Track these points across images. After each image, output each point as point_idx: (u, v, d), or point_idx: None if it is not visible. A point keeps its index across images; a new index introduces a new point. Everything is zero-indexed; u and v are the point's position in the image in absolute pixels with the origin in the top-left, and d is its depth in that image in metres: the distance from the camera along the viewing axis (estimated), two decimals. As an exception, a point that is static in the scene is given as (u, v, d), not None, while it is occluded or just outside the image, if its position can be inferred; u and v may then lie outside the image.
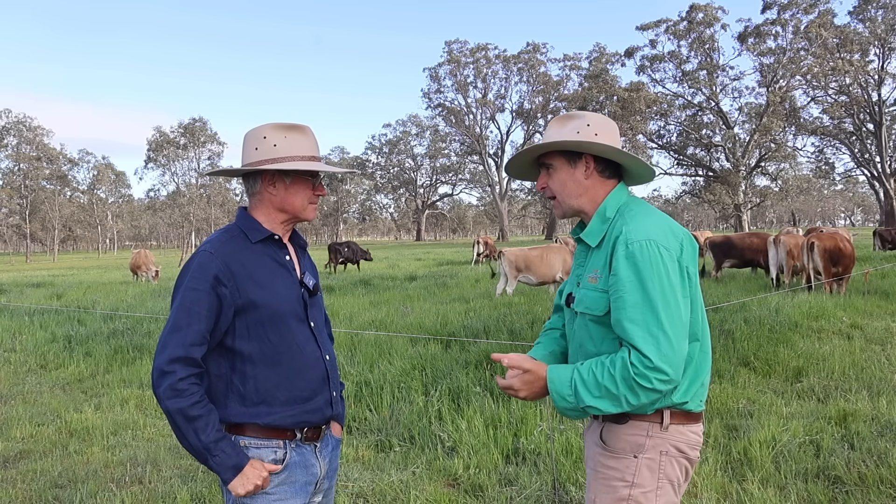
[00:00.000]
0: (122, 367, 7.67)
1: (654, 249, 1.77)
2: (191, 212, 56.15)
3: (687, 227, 10.71)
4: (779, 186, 58.95)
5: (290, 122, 2.05)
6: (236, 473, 1.87)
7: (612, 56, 61.80)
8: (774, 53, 51.50)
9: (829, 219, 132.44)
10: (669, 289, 1.75)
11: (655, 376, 1.70)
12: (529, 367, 1.86)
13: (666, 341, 1.71)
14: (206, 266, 1.91)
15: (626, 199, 1.97)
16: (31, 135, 66.30)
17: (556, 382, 1.81)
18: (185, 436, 1.83)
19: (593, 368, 1.77)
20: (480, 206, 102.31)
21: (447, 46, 72.48)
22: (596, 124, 1.96)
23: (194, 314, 1.86)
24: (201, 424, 1.82)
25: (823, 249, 11.46)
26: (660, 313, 1.72)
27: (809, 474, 3.93)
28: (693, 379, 1.87)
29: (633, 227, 1.83)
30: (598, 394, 1.75)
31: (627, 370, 1.71)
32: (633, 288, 1.76)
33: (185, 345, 1.84)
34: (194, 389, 1.84)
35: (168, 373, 1.82)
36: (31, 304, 13.73)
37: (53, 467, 4.56)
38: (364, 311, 11.03)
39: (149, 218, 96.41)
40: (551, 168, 2.00)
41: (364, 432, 5.01)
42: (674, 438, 1.86)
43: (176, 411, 1.81)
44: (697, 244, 2.00)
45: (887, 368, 6.25)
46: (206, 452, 1.83)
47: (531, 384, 1.86)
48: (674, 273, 1.78)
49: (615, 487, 1.87)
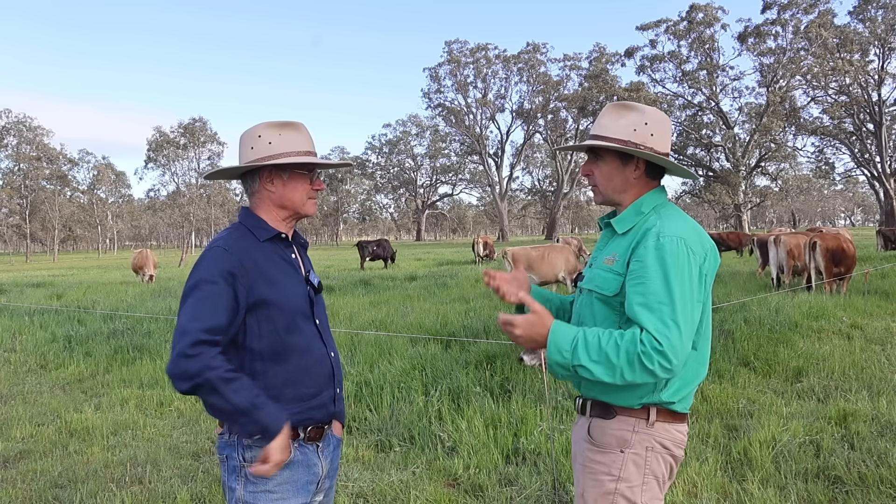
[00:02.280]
0: (122, 367, 7.67)
1: (683, 247, 1.82)
2: (191, 212, 56.09)
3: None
4: (779, 186, 58.98)
5: (284, 119, 2.07)
6: (280, 428, 1.86)
7: (612, 56, 61.83)
8: (774, 53, 51.49)
9: (829, 219, 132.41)
10: (689, 287, 1.80)
11: (660, 360, 1.73)
12: (538, 308, 1.88)
13: (677, 333, 1.74)
14: (221, 260, 1.91)
15: (664, 201, 2.02)
16: (31, 135, 66.30)
17: (558, 335, 1.82)
18: (227, 398, 1.80)
19: (599, 334, 1.80)
20: (480, 206, 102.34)
21: (447, 46, 72.51)
22: (653, 123, 1.96)
23: (210, 306, 1.85)
24: (239, 385, 1.82)
25: (826, 249, 11.46)
26: (676, 306, 1.76)
27: (809, 474, 3.93)
28: (684, 383, 1.91)
29: (667, 223, 1.88)
30: (596, 357, 1.76)
31: (635, 345, 1.74)
32: (656, 277, 1.79)
33: (205, 330, 1.82)
34: (224, 361, 1.83)
35: (194, 355, 1.78)
36: (31, 304, 13.73)
37: (53, 467, 4.56)
38: (364, 311, 11.03)
39: (149, 218, 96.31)
40: (600, 159, 2.01)
41: (364, 432, 5.01)
42: (659, 435, 1.89)
43: (214, 377, 1.78)
44: (720, 258, 2.05)
45: (887, 368, 6.25)
46: (252, 407, 1.82)
47: (532, 326, 1.85)
48: (695, 275, 1.82)
49: (602, 481, 1.90)
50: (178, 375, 1.80)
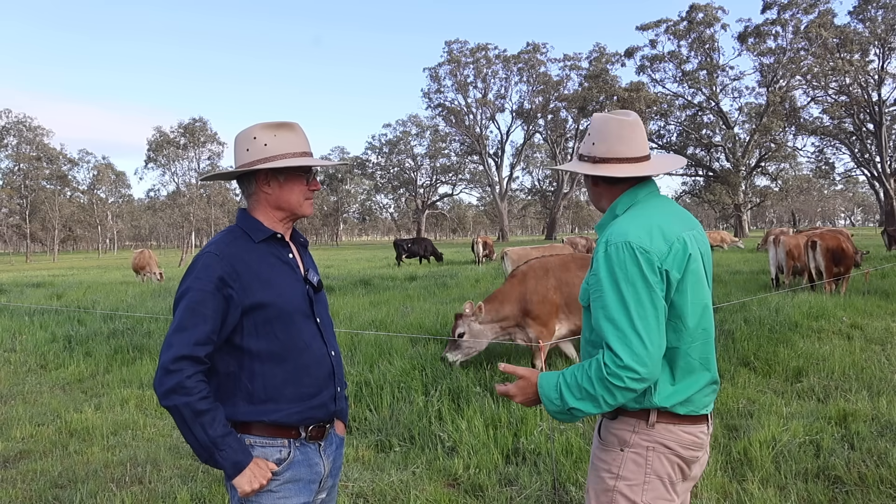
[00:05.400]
0: (122, 367, 7.67)
1: (629, 251, 1.81)
2: (191, 212, 56.11)
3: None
4: (779, 186, 58.99)
5: (280, 120, 2.07)
6: (241, 470, 1.87)
7: (612, 56, 61.87)
8: (774, 53, 51.52)
9: (829, 219, 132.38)
10: (643, 290, 1.78)
11: (627, 375, 1.74)
12: (523, 373, 1.97)
13: (637, 341, 1.75)
14: (211, 267, 1.91)
15: (642, 198, 1.99)
16: (31, 135, 66.30)
17: (545, 387, 1.89)
18: (192, 431, 1.82)
19: (575, 371, 1.84)
20: (480, 206, 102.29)
21: (447, 46, 72.52)
22: (594, 132, 2.01)
23: (199, 315, 1.86)
24: (208, 419, 1.82)
25: (826, 249, 11.45)
26: (632, 314, 1.76)
27: (809, 474, 3.93)
28: (678, 386, 1.88)
29: (616, 228, 1.87)
30: (580, 395, 1.81)
31: (601, 370, 1.77)
32: (608, 288, 1.81)
33: (190, 344, 1.83)
34: (202, 387, 1.84)
35: (174, 371, 1.81)
36: (31, 304, 13.72)
37: (53, 467, 4.56)
38: (364, 311, 11.02)
39: (149, 218, 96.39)
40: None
41: (364, 432, 5.01)
42: (661, 436, 1.89)
43: (184, 405, 1.80)
44: (709, 246, 2.02)
45: (887, 368, 6.25)
46: (213, 447, 1.83)
47: (524, 389, 1.95)
48: (650, 275, 1.79)
49: (603, 479, 1.94)
50: (159, 393, 1.83)
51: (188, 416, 1.81)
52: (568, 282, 6.38)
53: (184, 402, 1.80)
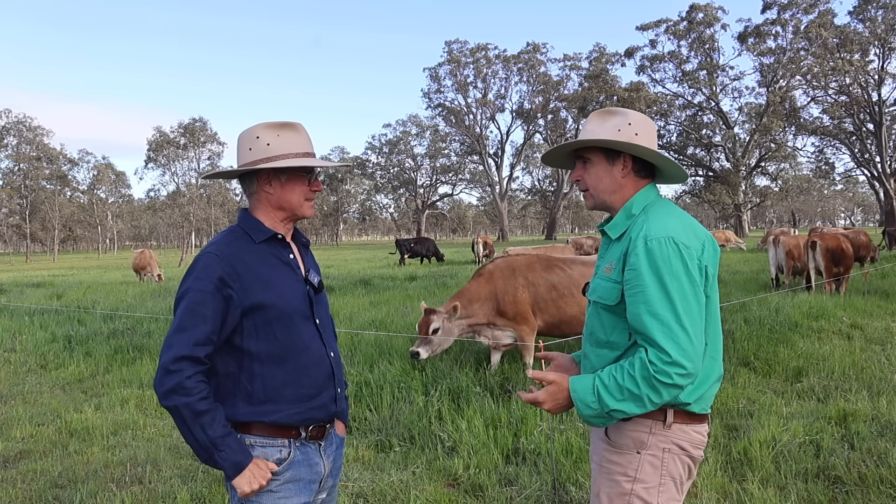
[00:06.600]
0: (122, 367, 7.67)
1: (673, 246, 1.81)
2: (191, 212, 56.08)
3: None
4: (779, 186, 58.99)
5: (282, 120, 2.07)
6: (240, 470, 1.87)
7: (612, 56, 61.87)
8: (774, 53, 51.52)
9: (829, 219, 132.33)
10: (688, 285, 1.79)
11: (675, 371, 1.73)
12: (553, 378, 1.88)
13: (684, 336, 1.74)
14: (211, 268, 1.91)
15: (654, 199, 2.01)
16: (31, 135, 66.27)
17: (579, 391, 1.84)
18: (192, 431, 1.82)
19: (613, 373, 1.80)
20: (480, 206, 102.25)
21: (447, 46, 72.52)
22: (637, 123, 1.99)
23: (199, 315, 1.86)
24: (208, 419, 1.83)
25: (826, 249, 11.45)
26: (678, 308, 1.75)
27: (809, 474, 3.93)
28: (699, 382, 1.88)
29: (654, 224, 1.87)
30: (622, 396, 1.77)
31: (647, 369, 1.74)
32: (652, 283, 1.79)
33: (190, 344, 1.84)
34: (201, 387, 1.84)
35: (174, 371, 1.81)
36: (31, 304, 13.72)
37: (53, 467, 4.56)
38: (364, 311, 11.02)
39: (149, 218, 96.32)
40: (588, 162, 2.03)
41: (364, 432, 5.01)
42: (676, 436, 1.88)
43: (184, 405, 1.80)
44: (720, 247, 2.04)
45: (887, 368, 6.25)
46: (213, 447, 1.83)
47: (554, 395, 1.88)
48: (693, 270, 1.81)
49: (618, 482, 1.91)
50: (159, 393, 1.83)
51: (188, 416, 1.81)
52: (534, 282, 6.35)
53: (184, 403, 1.80)
